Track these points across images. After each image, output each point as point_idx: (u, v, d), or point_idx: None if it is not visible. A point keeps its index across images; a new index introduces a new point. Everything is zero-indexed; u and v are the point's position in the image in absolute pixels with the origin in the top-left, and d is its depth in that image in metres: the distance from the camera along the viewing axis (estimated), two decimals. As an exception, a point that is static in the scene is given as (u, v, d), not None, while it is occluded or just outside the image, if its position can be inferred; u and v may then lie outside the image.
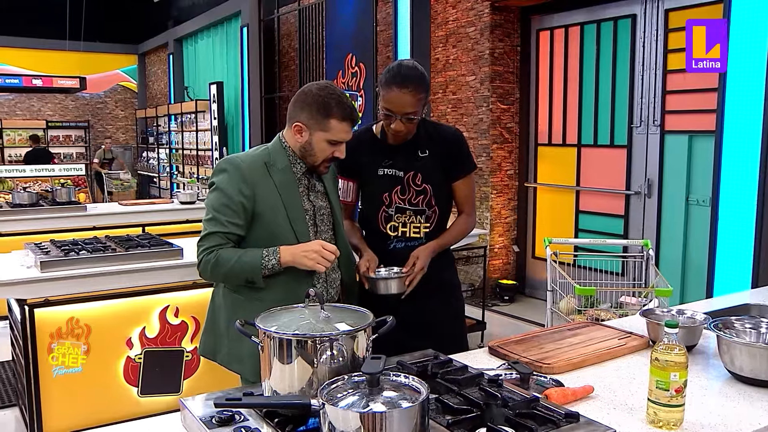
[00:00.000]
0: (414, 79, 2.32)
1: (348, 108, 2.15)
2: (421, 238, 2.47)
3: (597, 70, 5.74)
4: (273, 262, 2.06)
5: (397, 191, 2.46)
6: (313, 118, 2.13)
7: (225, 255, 2.08)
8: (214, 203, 2.12)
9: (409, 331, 2.18)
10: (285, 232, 2.14)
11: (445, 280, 2.57)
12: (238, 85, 11.23)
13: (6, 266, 3.69)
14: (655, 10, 5.19)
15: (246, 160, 2.16)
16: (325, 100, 2.12)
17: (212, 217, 2.11)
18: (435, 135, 2.50)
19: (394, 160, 2.47)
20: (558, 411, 1.47)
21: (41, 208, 6.23)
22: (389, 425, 1.23)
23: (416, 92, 2.31)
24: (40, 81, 14.53)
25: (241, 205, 2.09)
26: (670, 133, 5.14)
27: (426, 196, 2.45)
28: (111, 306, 3.62)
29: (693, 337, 2.03)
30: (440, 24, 6.84)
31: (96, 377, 3.59)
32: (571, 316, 3.61)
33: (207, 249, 2.11)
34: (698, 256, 4.82)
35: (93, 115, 16.87)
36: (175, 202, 7.00)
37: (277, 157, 2.19)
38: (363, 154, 2.50)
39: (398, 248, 2.47)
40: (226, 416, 1.48)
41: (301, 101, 2.16)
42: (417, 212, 2.46)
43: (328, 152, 2.16)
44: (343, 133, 2.15)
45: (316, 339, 1.49)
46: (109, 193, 12.71)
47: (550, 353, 1.98)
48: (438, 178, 2.47)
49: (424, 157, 2.46)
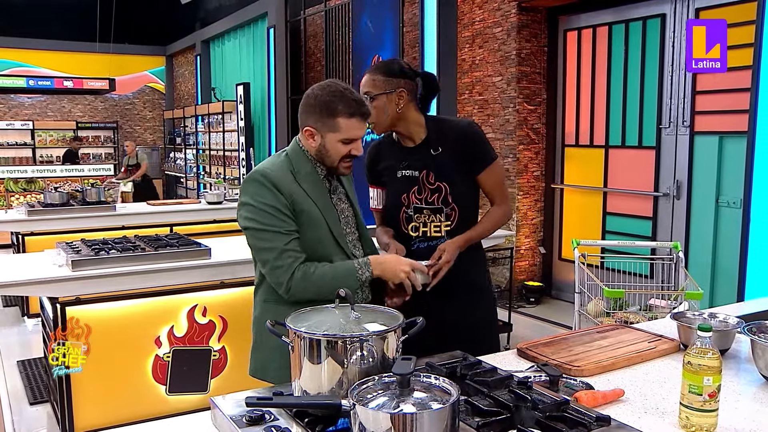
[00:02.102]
0: (379, 64, 2.50)
1: (354, 103, 2.09)
2: (443, 237, 2.46)
3: (625, 71, 5.69)
4: (367, 274, 2.06)
5: (414, 191, 2.48)
6: (320, 120, 2.09)
7: (319, 270, 2.03)
8: (264, 219, 2.04)
9: (438, 331, 2.18)
10: (325, 235, 2.12)
11: (476, 280, 2.55)
12: (264, 86, 11.29)
13: (38, 265, 3.75)
14: (685, 9, 5.13)
15: (273, 169, 2.11)
16: (329, 100, 2.07)
17: (272, 234, 2.03)
18: (447, 131, 2.50)
19: (410, 160, 2.49)
20: (589, 414, 1.46)
21: (72, 208, 6.32)
22: (420, 426, 1.23)
23: (372, 73, 2.42)
24: (71, 83, 14.78)
25: (286, 208, 2.05)
26: (699, 134, 5.07)
27: (441, 194, 2.45)
28: (140, 305, 3.67)
29: (726, 341, 2.00)
30: (467, 24, 6.82)
31: (126, 375, 3.64)
32: (599, 318, 3.58)
33: (292, 266, 2.02)
34: (728, 258, 4.76)
35: (121, 115, 17.08)
36: (203, 203, 7.07)
37: (299, 164, 2.15)
38: (384, 160, 2.57)
39: (421, 248, 2.47)
40: (256, 415, 1.49)
41: (306, 105, 2.12)
42: (434, 211, 2.47)
43: (343, 151, 2.12)
44: (353, 129, 2.10)
45: (347, 339, 1.49)
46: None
47: (580, 356, 1.97)
48: (453, 174, 2.46)
49: (437, 154, 2.46)
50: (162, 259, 3.80)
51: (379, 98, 2.40)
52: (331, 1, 9.28)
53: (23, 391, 4.32)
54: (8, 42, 15.04)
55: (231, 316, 3.82)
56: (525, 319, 5.90)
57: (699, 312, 2.20)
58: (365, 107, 2.13)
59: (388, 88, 2.41)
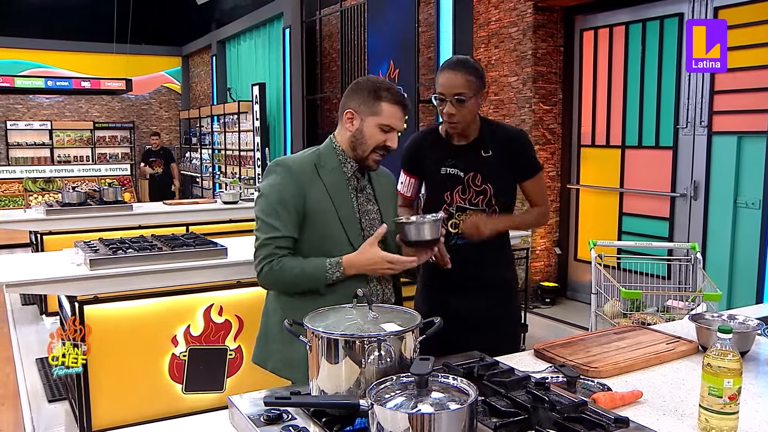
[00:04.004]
0: (464, 63, 2.43)
1: (399, 94, 2.14)
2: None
3: (642, 70, 5.65)
4: (337, 275, 2.05)
5: (459, 191, 2.49)
6: (363, 102, 2.12)
7: (287, 265, 2.05)
8: (265, 208, 2.09)
9: (460, 327, 2.19)
10: (337, 233, 2.11)
11: (502, 278, 2.57)
12: (280, 86, 11.32)
13: (57, 264, 3.79)
14: (703, 8, 5.08)
15: (296, 161, 2.15)
16: (376, 85, 2.13)
17: (266, 224, 2.08)
18: (499, 135, 2.53)
19: (457, 159, 2.49)
20: (607, 415, 1.45)
21: (89, 207, 6.37)
22: (438, 427, 1.23)
23: (465, 73, 2.38)
24: (89, 83, 14.89)
25: (293, 206, 2.06)
26: (717, 134, 5.03)
27: (486, 196, 2.48)
28: (157, 304, 3.69)
29: (746, 343, 1.99)
30: (482, 24, 6.80)
31: (142, 374, 3.66)
32: (616, 319, 3.56)
33: (265, 259, 2.07)
34: (747, 260, 4.71)
35: (138, 116, 17.19)
36: (218, 202, 7.10)
37: (327, 158, 2.17)
38: (427, 152, 2.56)
39: (459, 244, 2.48)
40: (274, 415, 1.50)
41: (352, 90, 2.17)
42: (477, 212, 2.48)
43: (379, 139, 2.13)
44: (394, 118, 2.13)
45: (365, 339, 1.49)
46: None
47: (597, 357, 1.96)
48: (500, 178, 2.49)
49: (487, 156, 2.48)
50: (179, 259, 3.82)
51: (472, 99, 2.40)
52: (347, 2, 9.30)
53: (42, 389, 4.36)
54: (27, 43, 15.21)
55: (247, 316, 3.83)
56: (540, 319, 5.88)
57: (718, 313, 2.19)
58: (407, 102, 2.18)
59: (479, 89, 2.43)
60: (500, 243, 2.56)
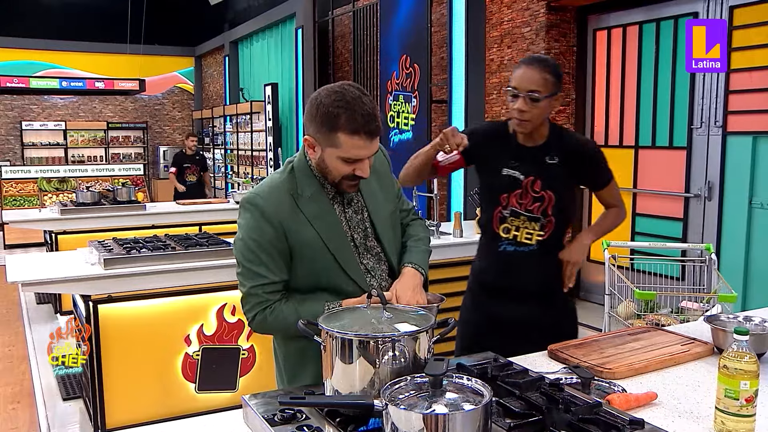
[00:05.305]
0: (544, 61, 2.32)
1: (361, 118, 1.73)
2: (532, 245, 2.39)
3: (656, 70, 5.62)
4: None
5: (517, 194, 2.38)
6: (320, 132, 1.77)
7: (282, 314, 1.84)
8: (246, 254, 1.84)
9: (509, 336, 2.14)
10: (329, 265, 1.87)
11: (552, 286, 2.45)
12: (292, 87, 11.36)
13: (71, 263, 3.81)
14: (718, 6, 5.05)
15: (268, 198, 1.85)
16: (331, 111, 1.73)
17: (250, 271, 1.84)
18: (569, 143, 2.42)
19: (521, 162, 2.39)
20: (622, 417, 1.44)
21: (103, 207, 6.42)
22: (452, 427, 1.23)
23: (542, 71, 2.28)
24: (102, 84, 15.00)
25: (274, 249, 1.83)
26: (732, 134, 4.99)
27: (543, 204, 2.36)
28: (170, 303, 3.71)
29: (762, 344, 1.97)
30: (495, 24, 6.79)
31: (156, 373, 3.68)
32: (629, 320, 3.54)
33: (256, 306, 1.85)
34: (762, 261, 4.68)
35: (151, 116, 17.30)
36: (231, 202, 7.12)
37: (304, 183, 1.88)
38: (493, 147, 2.44)
39: (508, 251, 2.41)
40: (288, 414, 1.50)
41: (308, 112, 1.81)
42: (531, 219, 2.38)
43: (345, 171, 1.81)
44: (355, 149, 1.76)
45: (378, 340, 1.49)
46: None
47: (612, 358, 1.95)
48: (562, 187, 2.39)
49: (552, 164, 2.37)
50: (192, 258, 3.84)
51: (546, 100, 2.29)
52: (359, 2, 9.30)
53: (57, 387, 4.39)
54: (42, 44, 15.36)
55: (260, 315, 3.84)
56: (553, 320, 5.85)
57: (733, 315, 2.17)
58: (373, 124, 1.77)
59: (555, 90, 2.32)
60: (551, 251, 2.44)
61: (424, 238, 2.12)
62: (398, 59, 7.75)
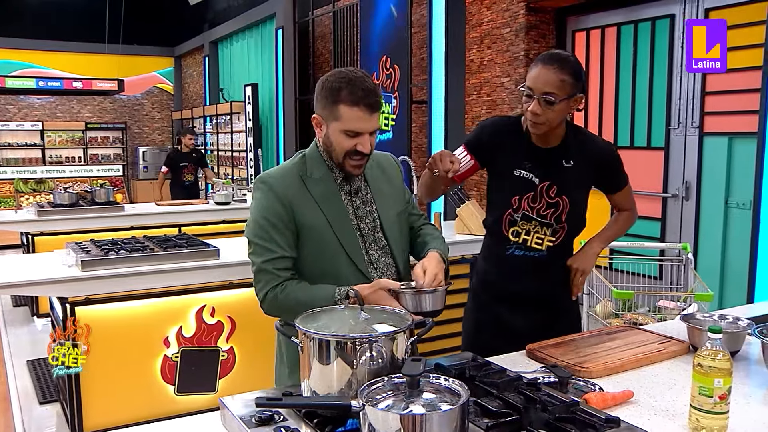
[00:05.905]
0: (563, 60, 2.17)
1: (360, 91, 1.85)
2: (542, 251, 2.31)
3: (634, 71, 5.67)
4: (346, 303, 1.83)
5: (529, 198, 2.28)
6: (325, 107, 1.90)
7: (292, 293, 1.88)
8: (257, 231, 1.92)
9: (513, 340, 2.13)
10: (333, 247, 1.94)
11: (558, 291, 2.42)
12: (272, 87, 11.32)
13: (48, 265, 3.77)
14: (694, 9, 5.11)
15: (279, 177, 1.96)
16: (334, 85, 1.87)
17: (260, 247, 1.91)
18: (587, 146, 2.33)
19: (534, 164, 2.28)
20: (598, 416, 1.46)
21: (81, 208, 6.34)
22: (429, 428, 1.23)
23: (560, 71, 2.12)
24: (80, 84, 14.86)
25: (284, 226, 1.91)
26: (709, 135, 5.05)
27: (557, 210, 2.28)
28: (149, 305, 3.68)
29: (736, 343, 2.00)
30: (475, 25, 6.81)
31: (134, 375, 3.65)
32: (608, 319, 3.57)
33: (268, 284, 1.91)
34: (738, 260, 4.73)
35: (130, 116, 17.15)
36: (211, 203, 7.07)
37: (314, 166, 1.98)
38: (506, 144, 2.32)
39: (516, 255, 2.32)
40: (266, 416, 1.50)
41: (317, 91, 1.94)
42: (543, 224, 2.30)
43: (347, 145, 1.90)
44: (354, 120, 1.86)
45: (356, 340, 1.49)
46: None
47: (588, 357, 1.97)
48: (578, 192, 2.32)
49: (568, 168, 2.28)
50: (171, 260, 3.81)
51: (563, 102, 2.15)
52: (340, 2, 9.30)
53: (33, 391, 4.34)
54: (18, 43, 15.16)
55: (239, 317, 3.83)
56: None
57: (709, 314, 2.20)
58: (373, 98, 1.87)
59: (574, 91, 2.16)
60: (561, 257, 2.39)
61: (440, 236, 2.17)
62: (378, 60, 7.76)
